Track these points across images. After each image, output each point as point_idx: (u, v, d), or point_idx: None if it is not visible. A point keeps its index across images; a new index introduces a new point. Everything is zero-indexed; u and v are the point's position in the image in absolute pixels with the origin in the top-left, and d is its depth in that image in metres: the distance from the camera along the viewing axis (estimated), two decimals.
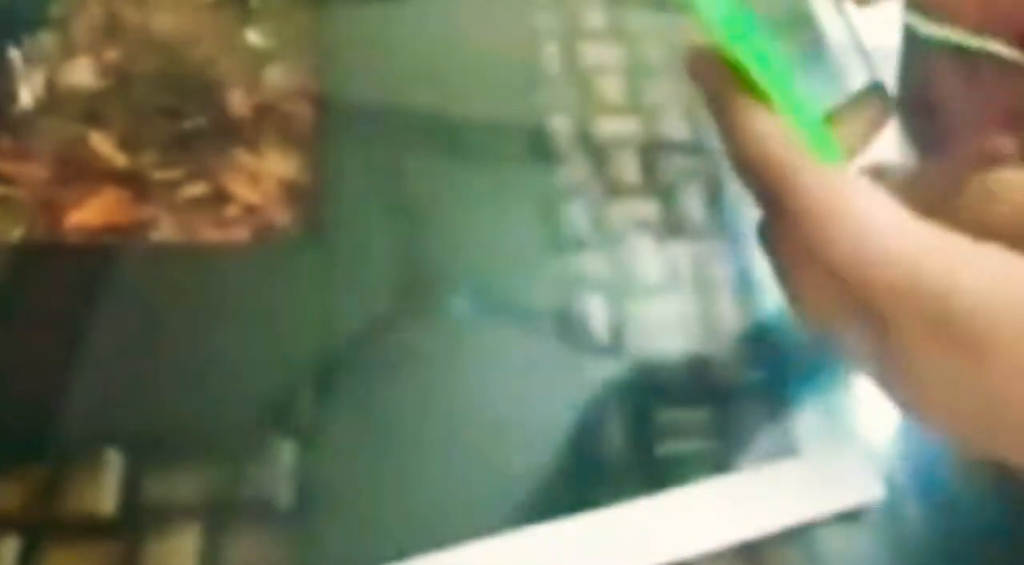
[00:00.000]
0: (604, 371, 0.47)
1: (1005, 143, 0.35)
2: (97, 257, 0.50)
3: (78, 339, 0.46)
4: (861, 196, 0.29)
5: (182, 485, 0.41)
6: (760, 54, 0.30)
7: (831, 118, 0.35)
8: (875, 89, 0.37)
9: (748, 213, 0.55)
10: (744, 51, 0.30)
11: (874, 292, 0.28)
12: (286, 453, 0.42)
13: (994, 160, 0.37)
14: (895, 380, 0.29)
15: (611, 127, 0.60)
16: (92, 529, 0.39)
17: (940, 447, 0.46)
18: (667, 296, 0.51)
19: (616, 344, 0.48)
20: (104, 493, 0.40)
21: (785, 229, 0.30)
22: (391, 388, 0.46)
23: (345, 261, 0.52)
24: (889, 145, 0.40)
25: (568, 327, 0.49)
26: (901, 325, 0.28)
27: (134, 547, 0.39)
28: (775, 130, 0.30)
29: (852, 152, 0.36)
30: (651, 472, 0.44)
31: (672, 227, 0.54)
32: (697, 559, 0.41)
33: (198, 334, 0.47)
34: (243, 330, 0.48)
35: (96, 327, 0.47)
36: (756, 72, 0.30)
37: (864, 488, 0.44)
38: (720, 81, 0.31)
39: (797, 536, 0.42)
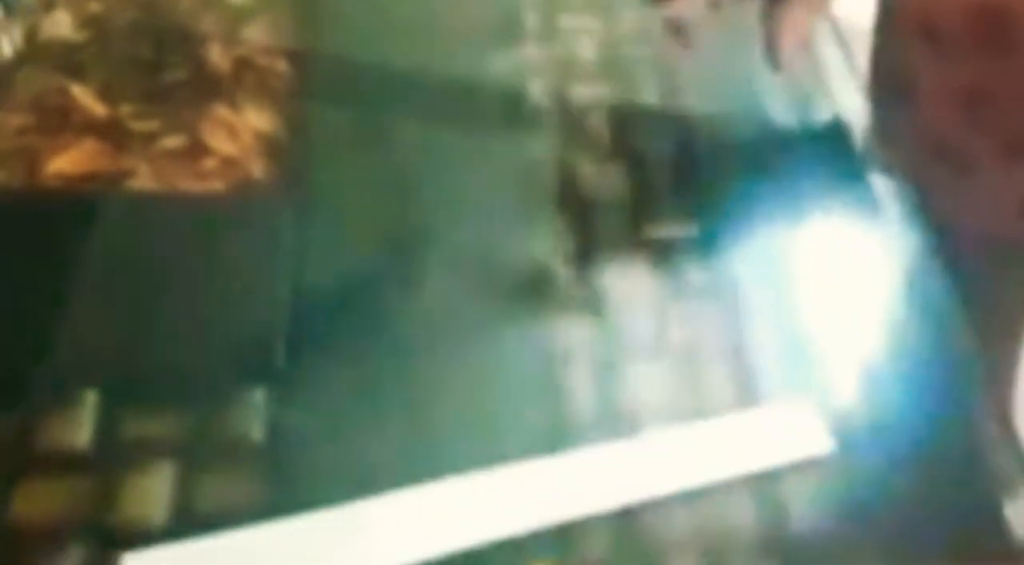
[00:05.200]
0: (576, 329, 0.49)
1: None
2: (76, 205, 0.52)
3: (57, 284, 0.47)
4: None
5: (157, 425, 0.42)
6: None
7: None
8: None
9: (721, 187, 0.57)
10: None
11: None
12: (258, 397, 0.44)
13: None
14: None
15: (585, 90, 0.61)
16: (69, 464, 0.41)
17: (890, 403, 0.49)
18: (635, 266, 0.53)
19: (590, 305, 0.50)
20: (80, 430, 0.42)
21: None
22: (362, 339, 0.47)
23: (319, 216, 0.53)
24: None
25: (543, 287, 0.51)
26: None
27: (110, 482, 0.40)
28: None
29: None
30: (616, 421, 0.46)
31: (642, 192, 0.56)
32: (657, 503, 0.42)
33: (174, 282, 0.49)
34: (219, 279, 0.49)
35: (74, 273, 0.48)
36: None
37: (816, 440, 0.46)
38: None
39: (752, 484, 0.44)
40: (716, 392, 0.47)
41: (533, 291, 0.51)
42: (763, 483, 0.44)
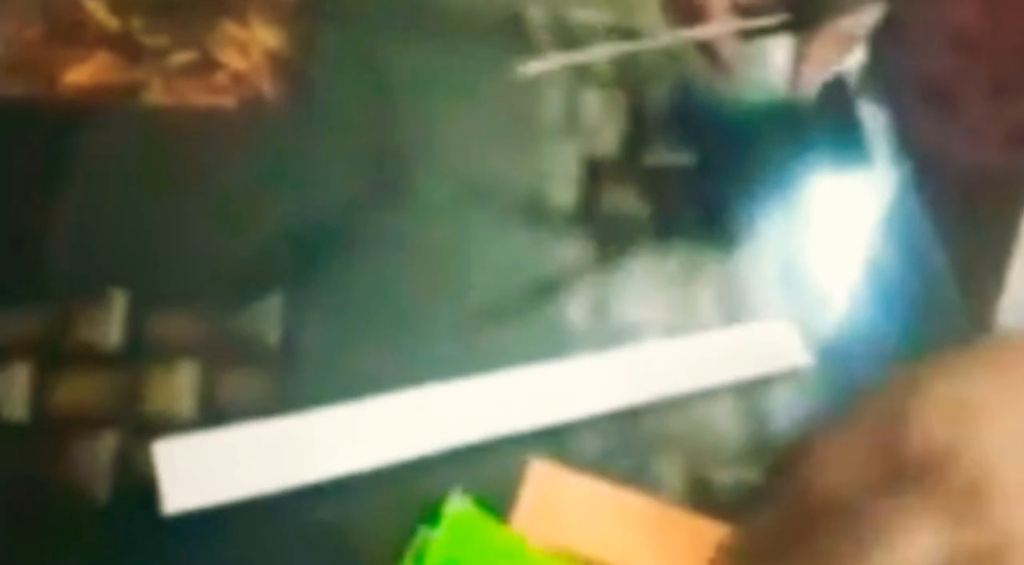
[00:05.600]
0: (569, 250, 0.52)
1: None
2: (98, 114, 0.53)
3: (82, 191, 0.49)
4: None
5: (181, 326, 0.45)
6: None
7: None
8: None
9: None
10: None
11: None
12: (272, 302, 0.47)
13: None
14: None
15: (585, 15, 0.63)
16: (98, 360, 0.44)
17: (866, 323, 0.52)
18: (630, 182, 0.55)
19: (583, 226, 0.53)
20: (110, 328, 0.44)
21: None
22: (366, 249, 0.50)
23: (326, 133, 0.55)
24: None
25: (537, 209, 0.53)
26: None
27: (139, 378, 0.43)
28: None
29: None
30: (611, 334, 0.48)
31: (641, 120, 0.58)
32: (648, 408, 0.46)
33: (191, 193, 0.51)
34: (232, 191, 0.51)
35: (95, 182, 0.50)
36: None
37: (795, 354, 0.49)
38: None
39: (736, 393, 0.47)
40: (706, 310, 0.50)
41: (531, 211, 0.53)
42: (747, 392, 0.48)
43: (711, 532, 0.41)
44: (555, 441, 0.44)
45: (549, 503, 0.42)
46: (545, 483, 0.42)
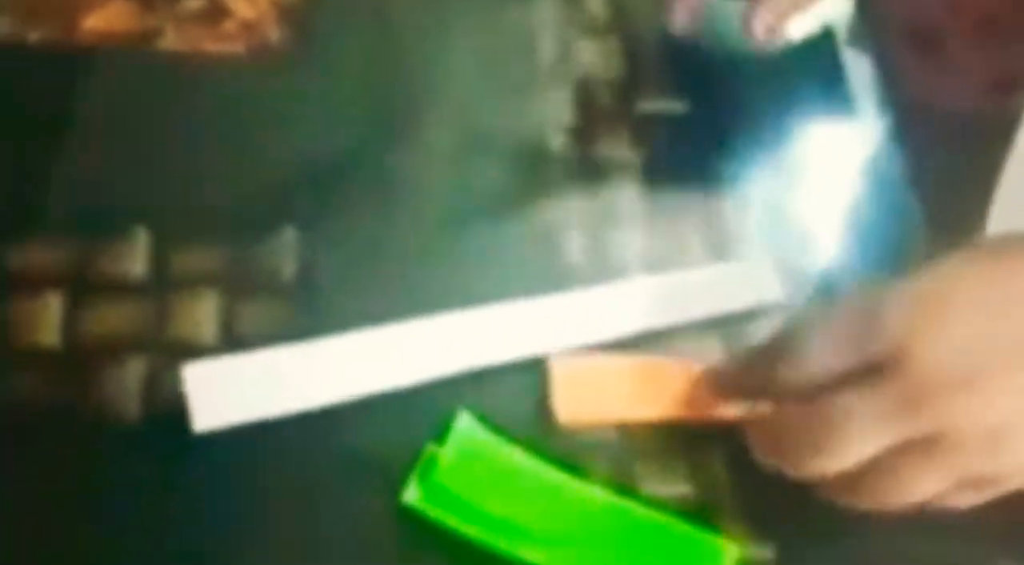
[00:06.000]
0: (563, 193, 0.54)
1: None
2: (111, 59, 0.56)
3: (104, 134, 0.52)
4: None
5: (201, 259, 0.48)
6: None
7: None
8: None
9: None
10: None
11: None
12: (288, 236, 0.49)
13: None
14: None
15: None
16: (126, 290, 0.47)
17: (841, 263, 0.55)
18: (622, 128, 0.58)
19: (577, 170, 0.55)
20: (135, 261, 0.47)
21: None
22: (374, 189, 0.53)
23: (332, 79, 0.58)
24: None
25: (534, 153, 0.56)
26: None
27: (163, 307, 0.46)
28: None
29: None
30: (601, 273, 0.51)
31: (635, 67, 0.61)
32: (634, 339, 0.49)
33: (209, 135, 0.53)
34: (243, 133, 0.54)
35: (117, 125, 0.53)
36: None
37: (773, 291, 0.52)
38: None
39: (717, 325, 0.51)
40: (694, 251, 0.53)
41: (528, 155, 0.56)
42: (729, 326, 0.51)
43: None
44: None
45: (577, 387, 0.46)
46: (569, 371, 0.46)
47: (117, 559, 0.41)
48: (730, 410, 0.45)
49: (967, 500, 0.41)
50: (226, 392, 0.43)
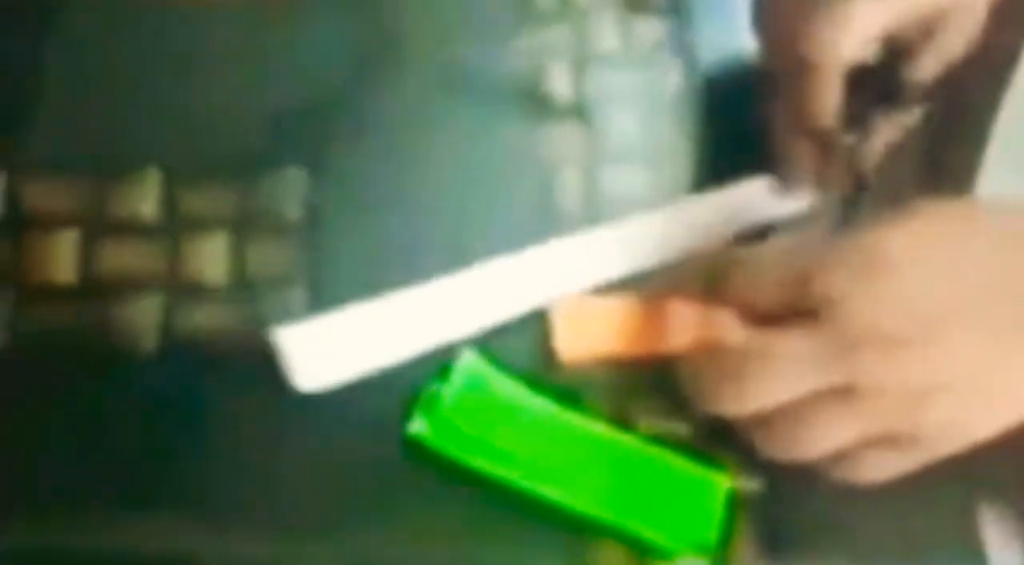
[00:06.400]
0: (562, 137, 0.55)
1: None
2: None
3: (116, 80, 0.53)
4: None
5: (210, 200, 0.49)
6: None
7: None
8: None
9: None
10: None
11: None
12: (295, 177, 0.50)
13: None
14: None
15: None
16: (138, 230, 0.48)
17: None
18: (629, 69, 0.58)
19: (577, 112, 0.56)
20: (147, 201, 0.48)
21: None
22: (370, 132, 0.53)
23: (321, 19, 0.57)
24: None
25: (531, 97, 0.56)
26: None
27: (175, 247, 0.48)
28: None
29: None
30: (598, 212, 0.52)
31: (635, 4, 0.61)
32: (653, 269, 0.49)
33: (202, 80, 0.53)
34: (235, 78, 0.54)
35: (124, 71, 0.53)
36: None
37: (772, 209, 0.52)
38: None
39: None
40: (691, 185, 0.54)
41: (524, 96, 0.56)
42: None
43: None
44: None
45: (578, 325, 0.47)
46: (570, 310, 0.48)
47: (132, 488, 0.43)
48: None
49: (890, 462, 0.41)
50: (319, 352, 0.45)
